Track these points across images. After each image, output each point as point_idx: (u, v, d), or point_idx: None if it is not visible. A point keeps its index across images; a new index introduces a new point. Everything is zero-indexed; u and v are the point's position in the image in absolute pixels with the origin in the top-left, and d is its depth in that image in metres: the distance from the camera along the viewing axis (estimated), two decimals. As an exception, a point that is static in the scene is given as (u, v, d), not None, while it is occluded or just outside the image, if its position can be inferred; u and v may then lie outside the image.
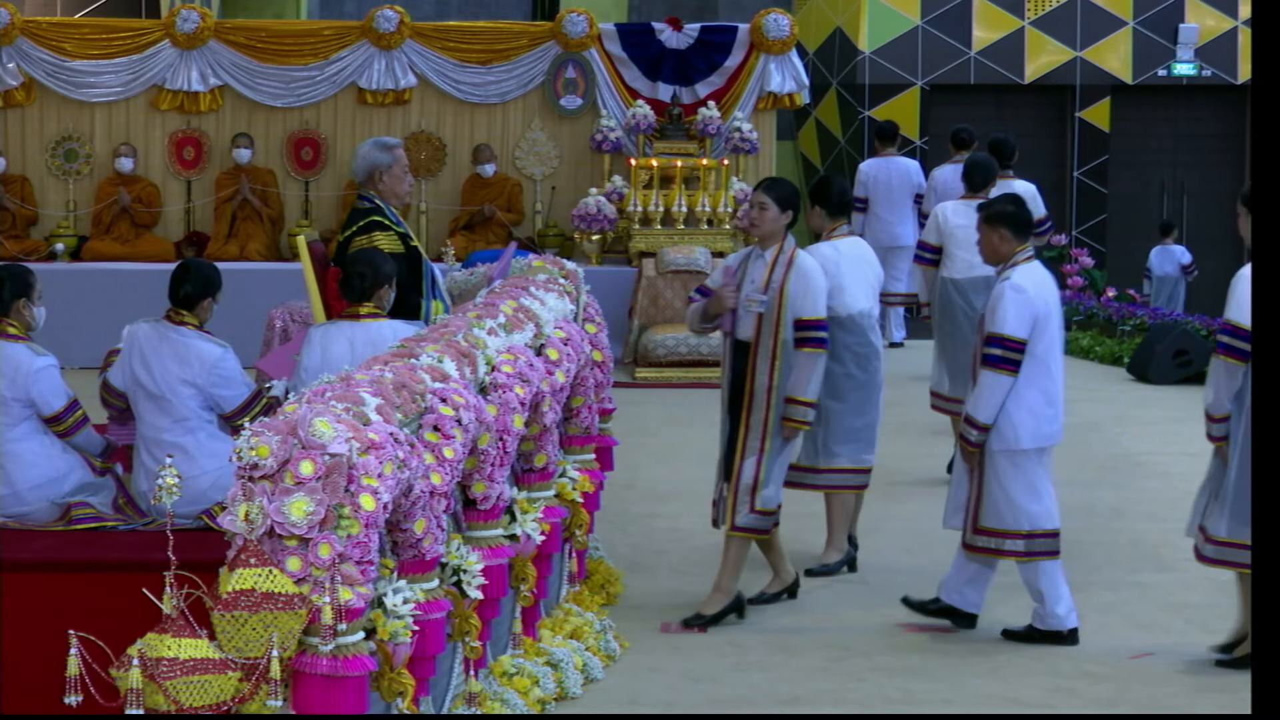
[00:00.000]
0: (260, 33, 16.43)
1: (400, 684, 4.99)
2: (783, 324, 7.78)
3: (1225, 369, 7.07)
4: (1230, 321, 7.04)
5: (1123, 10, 20.54)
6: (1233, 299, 7.07)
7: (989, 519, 7.52)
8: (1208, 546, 7.24)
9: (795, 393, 7.80)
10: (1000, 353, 7.43)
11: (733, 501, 7.85)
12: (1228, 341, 7.04)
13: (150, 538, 6.74)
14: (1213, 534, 7.21)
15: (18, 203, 15.99)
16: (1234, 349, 7.03)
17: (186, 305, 7.22)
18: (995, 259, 7.65)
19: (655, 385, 14.39)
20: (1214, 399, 7.14)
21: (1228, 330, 7.05)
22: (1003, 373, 7.42)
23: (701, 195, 15.74)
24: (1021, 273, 7.52)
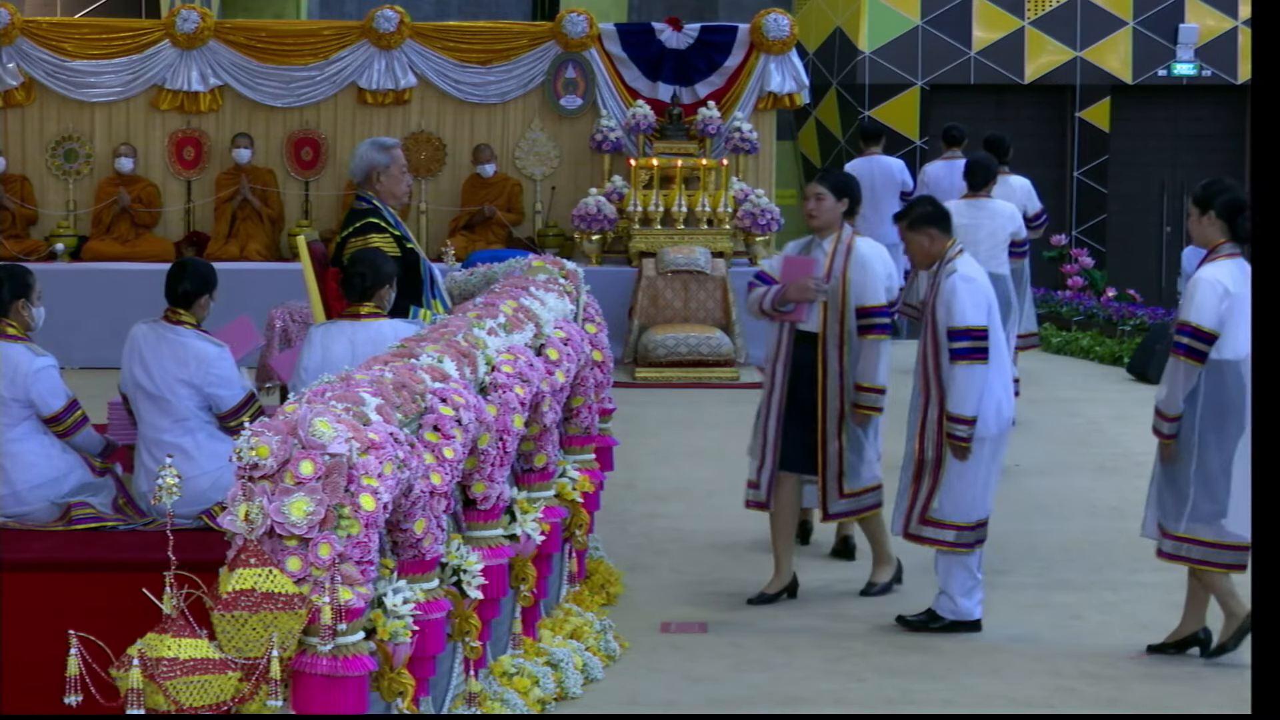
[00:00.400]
0: (260, 33, 16.43)
1: (400, 684, 4.99)
2: (847, 312, 8.02)
3: (1185, 370, 7.14)
4: (1191, 323, 7.11)
5: (1123, 10, 20.53)
6: (1192, 301, 7.14)
7: (951, 511, 7.57)
8: (1165, 542, 7.33)
9: (865, 379, 8.05)
10: (969, 344, 7.50)
11: (822, 490, 8.21)
12: (1188, 343, 7.12)
13: (150, 538, 6.74)
14: (1170, 530, 7.31)
15: (18, 203, 15.99)
16: (1195, 350, 7.11)
17: (184, 303, 7.22)
18: (928, 260, 7.74)
19: (655, 385, 14.39)
20: (1169, 397, 7.20)
21: (1187, 331, 7.13)
22: (976, 363, 7.50)
23: (701, 195, 15.74)
24: (964, 263, 7.62)
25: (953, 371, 7.51)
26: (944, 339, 7.55)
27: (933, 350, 7.61)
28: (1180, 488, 7.26)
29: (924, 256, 7.76)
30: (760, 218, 15.87)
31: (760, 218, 15.87)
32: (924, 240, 7.72)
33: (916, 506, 7.68)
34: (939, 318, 7.56)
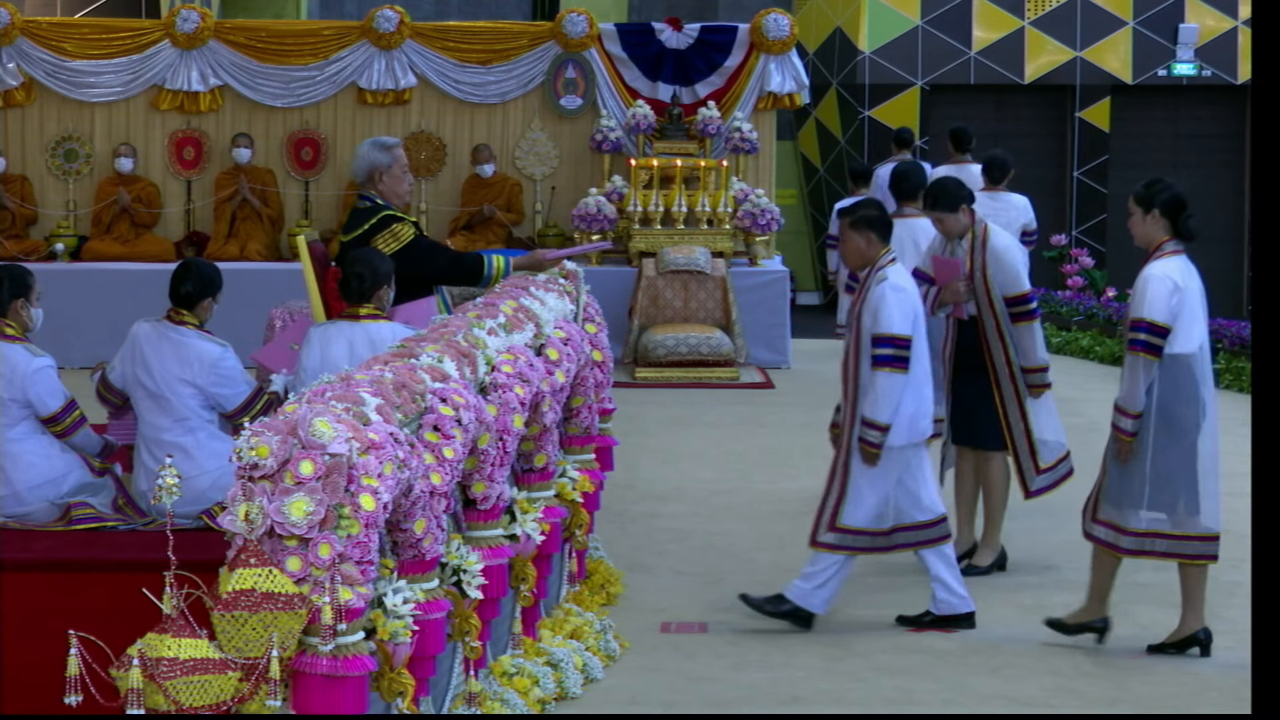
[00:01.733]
0: (260, 33, 16.44)
1: (400, 684, 4.99)
2: (995, 302, 8.42)
3: (1145, 365, 7.25)
4: (1145, 319, 7.24)
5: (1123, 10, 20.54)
6: (1144, 298, 7.28)
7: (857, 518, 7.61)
8: (1125, 539, 7.41)
9: (1028, 362, 8.46)
10: (892, 352, 7.52)
11: (1019, 469, 8.64)
12: (1145, 339, 7.24)
13: (150, 538, 6.74)
14: (1131, 527, 7.38)
15: (18, 203, 16.00)
16: (1152, 346, 7.24)
17: (187, 305, 7.22)
18: (861, 262, 7.75)
19: (655, 385, 14.40)
20: (1130, 394, 7.27)
21: (1143, 327, 7.25)
22: (897, 371, 7.52)
23: (701, 195, 15.75)
24: (896, 272, 7.66)
25: (873, 377, 7.53)
26: (867, 344, 7.57)
27: (854, 355, 7.64)
28: (1136, 484, 7.34)
29: (858, 257, 7.75)
30: (760, 218, 15.88)
31: (760, 218, 15.88)
32: (861, 242, 7.72)
33: (825, 514, 7.67)
34: (864, 324, 7.58)
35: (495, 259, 8.36)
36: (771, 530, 9.54)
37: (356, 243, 8.00)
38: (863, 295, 7.67)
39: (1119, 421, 7.33)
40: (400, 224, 8.11)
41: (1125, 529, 7.41)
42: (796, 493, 10.44)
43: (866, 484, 7.61)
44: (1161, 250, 7.43)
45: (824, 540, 7.65)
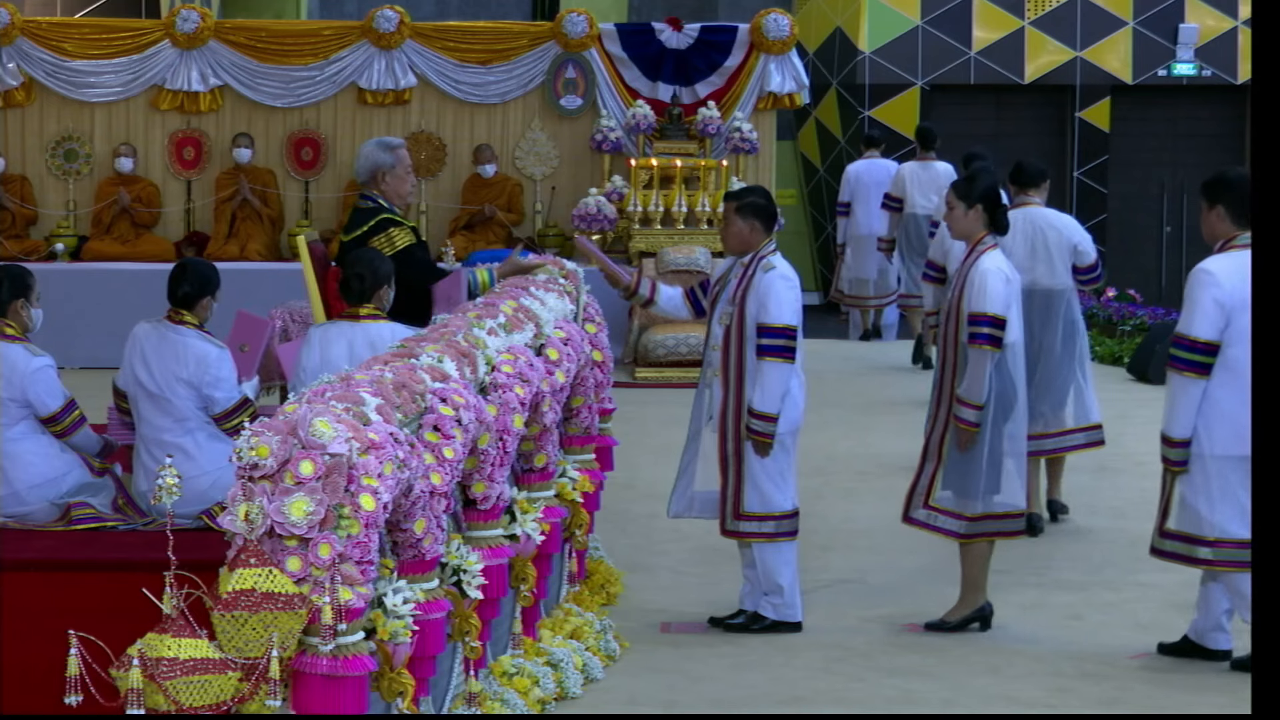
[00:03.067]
0: (260, 33, 16.43)
1: (400, 684, 4.98)
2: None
3: (990, 358, 7.46)
4: (988, 313, 7.44)
5: (1123, 10, 20.53)
6: (985, 293, 7.45)
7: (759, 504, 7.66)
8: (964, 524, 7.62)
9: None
10: (783, 342, 7.55)
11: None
12: (989, 332, 7.46)
13: (150, 538, 6.74)
14: (969, 513, 7.59)
15: (18, 203, 15.99)
16: (995, 338, 7.47)
17: (185, 305, 7.22)
18: (744, 248, 7.73)
19: (655, 385, 14.40)
20: (975, 386, 7.46)
21: (986, 321, 7.45)
22: (785, 361, 7.54)
23: (701, 195, 15.74)
24: (782, 263, 7.70)
25: (764, 366, 7.52)
26: (751, 333, 7.56)
27: (738, 343, 7.60)
28: (974, 471, 7.54)
29: (742, 244, 7.73)
30: (760, 218, 15.86)
31: (760, 218, 15.86)
32: (747, 228, 7.71)
33: (728, 503, 7.69)
34: (749, 311, 7.56)
35: (479, 273, 8.28)
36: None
37: (355, 243, 8.00)
38: (747, 283, 7.63)
39: (962, 413, 7.50)
40: (398, 229, 8.10)
41: (963, 514, 7.60)
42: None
43: (761, 472, 7.63)
44: (983, 244, 7.62)
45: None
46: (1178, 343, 7.06)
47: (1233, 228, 7.11)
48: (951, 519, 7.64)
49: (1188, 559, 7.22)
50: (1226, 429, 7.00)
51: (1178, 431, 7.05)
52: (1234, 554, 7.06)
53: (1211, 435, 7.03)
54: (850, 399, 13.87)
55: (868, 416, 13.12)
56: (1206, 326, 6.95)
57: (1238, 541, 7.05)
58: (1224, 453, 7.02)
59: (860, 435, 12.39)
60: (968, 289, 7.53)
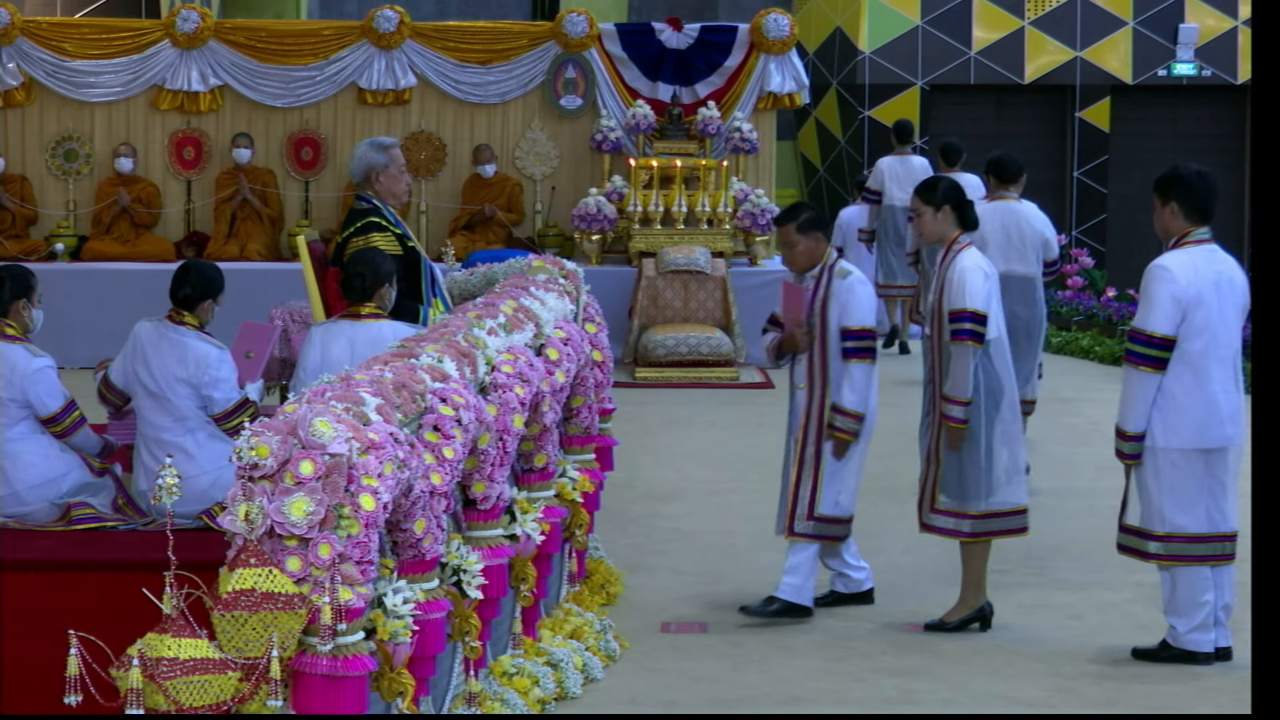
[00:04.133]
0: (260, 33, 16.43)
1: (400, 684, 4.99)
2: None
3: (972, 354, 7.49)
4: (969, 309, 7.48)
5: (1123, 10, 20.54)
6: (965, 290, 7.49)
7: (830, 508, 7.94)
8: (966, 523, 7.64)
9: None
10: (867, 343, 7.84)
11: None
12: (971, 328, 7.52)
13: (150, 538, 6.75)
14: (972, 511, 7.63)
15: (18, 203, 15.99)
16: (978, 334, 7.51)
17: (187, 306, 7.23)
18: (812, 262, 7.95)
19: (655, 385, 14.39)
20: (961, 384, 7.51)
21: (968, 318, 7.49)
22: (871, 361, 7.82)
23: (701, 195, 15.74)
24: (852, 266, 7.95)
25: (848, 369, 7.71)
26: (834, 339, 7.77)
27: (821, 350, 7.80)
28: (972, 470, 7.59)
29: (809, 259, 7.92)
30: (760, 218, 15.87)
31: (760, 218, 15.87)
32: (811, 244, 7.91)
33: (800, 504, 7.84)
34: (831, 317, 7.77)
35: (433, 313, 8.14)
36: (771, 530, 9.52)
37: (342, 243, 8.00)
38: (826, 290, 7.81)
39: (950, 411, 7.53)
40: (381, 235, 8.05)
41: (966, 514, 7.62)
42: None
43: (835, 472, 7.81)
44: (958, 243, 7.67)
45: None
46: (1134, 338, 7.24)
47: (1185, 224, 7.24)
48: (955, 519, 7.66)
49: (1139, 553, 7.34)
50: (1185, 423, 7.13)
51: (1132, 425, 7.20)
52: (1183, 549, 7.20)
53: (1167, 429, 7.16)
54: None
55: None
56: (1163, 322, 7.12)
57: (1188, 536, 7.19)
58: (1181, 446, 7.15)
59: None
60: (948, 288, 7.58)
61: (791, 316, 7.97)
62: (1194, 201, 7.20)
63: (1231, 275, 7.23)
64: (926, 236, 7.82)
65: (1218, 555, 7.25)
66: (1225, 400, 7.17)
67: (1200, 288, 7.08)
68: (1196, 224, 7.21)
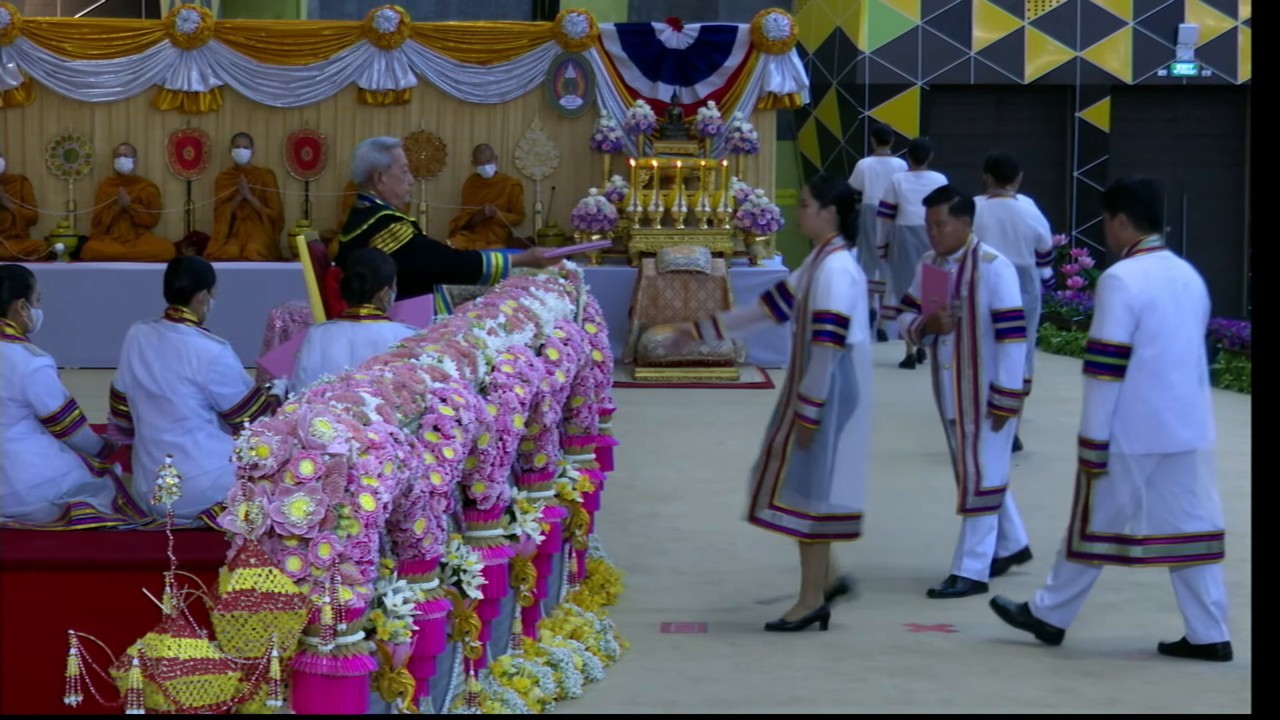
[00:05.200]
0: (260, 33, 16.43)
1: (400, 684, 4.99)
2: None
3: (832, 356, 7.53)
4: (833, 310, 7.50)
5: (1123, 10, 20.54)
6: (830, 292, 7.52)
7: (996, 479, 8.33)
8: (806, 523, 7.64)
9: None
10: (1018, 323, 8.19)
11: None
12: (833, 330, 7.53)
13: (150, 538, 6.75)
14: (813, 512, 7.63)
15: (18, 203, 16.00)
16: (839, 336, 7.55)
17: (182, 299, 7.23)
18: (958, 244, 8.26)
19: (655, 385, 14.40)
20: (817, 383, 7.53)
21: (830, 319, 7.52)
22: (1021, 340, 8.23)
23: (701, 195, 15.74)
24: (995, 249, 8.35)
25: (1002, 349, 8.04)
26: (985, 322, 8.09)
27: (970, 333, 8.14)
28: (818, 470, 7.60)
29: (957, 240, 8.24)
30: (760, 218, 15.88)
31: (760, 218, 15.88)
32: (960, 226, 8.23)
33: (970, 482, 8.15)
34: (980, 300, 8.14)
35: (494, 257, 8.38)
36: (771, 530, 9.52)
37: (355, 243, 8.00)
38: (972, 276, 8.13)
39: (804, 410, 7.55)
40: (399, 223, 8.11)
41: (807, 514, 7.63)
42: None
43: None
44: (831, 245, 7.69)
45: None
46: (1091, 347, 7.30)
47: (1136, 233, 7.35)
48: (796, 518, 7.67)
49: (1120, 559, 7.40)
50: (1147, 427, 7.22)
51: (1097, 434, 7.26)
52: (1165, 550, 7.32)
53: (1129, 435, 7.24)
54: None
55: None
56: (1118, 330, 7.19)
57: (1167, 538, 7.30)
58: (1145, 451, 7.24)
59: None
60: (814, 288, 7.60)
61: (934, 299, 8.22)
62: (1141, 210, 7.33)
63: (1186, 280, 7.33)
64: (805, 229, 7.82)
65: (1203, 555, 7.32)
66: (1186, 404, 7.24)
67: (1152, 294, 7.18)
68: (1147, 232, 7.33)
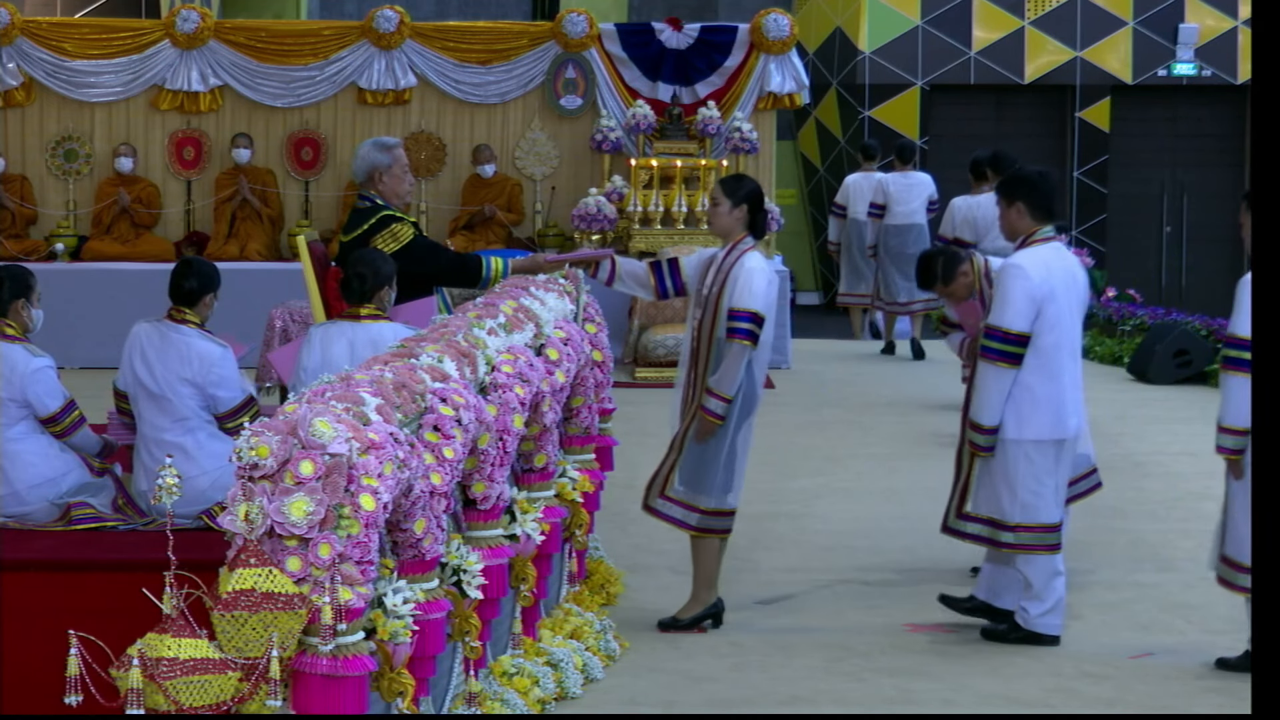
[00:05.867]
0: (260, 33, 16.43)
1: (400, 684, 4.99)
2: None
3: (746, 353, 7.49)
4: (749, 309, 7.49)
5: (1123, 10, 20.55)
6: (749, 289, 7.47)
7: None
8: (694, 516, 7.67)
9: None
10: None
11: None
12: (749, 328, 7.48)
13: (150, 538, 6.75)
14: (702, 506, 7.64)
15: (18, 203, 15.99)
16: (755, 335, 7.51)
17: (189, 301, 7.23)
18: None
19: (655, 385, 14.37)
20: (729, 380, 7.51)
21: (746, 317, 7.47)
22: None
23: (701, 195, 15.73)
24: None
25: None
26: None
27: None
28: (712, 465, 7.59)
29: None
30: (760, 218, 15.87)
31: (760, 218, 15.87)
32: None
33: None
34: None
35: (494, 260, 8.36)
36: (771, 530, 9.54)
37: (356, 243, 7.99)
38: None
39: (711, 405, 7.54)
40: (400, 224, 8.11)
41: (696, 507, 7.66)
42: (796, 493, 10.44)
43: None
44: (744, 244, 7.67)
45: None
46: (991, 334, 7.39)
47: (1032, 223, 7.48)
48: (684, 510, 7.70)
49: (990, 541, 7.53)
50: (1040, 414, 7.37)
51: (989, 419, 7.39)
52: (1035, 538, 7.45)
53: (1021, 421, 7.37)
54: (851, 399, 13.87)
55: (868, 416, 13.12)
56: (1019, 319, 7.33)
57: (1041, 526, 7.44)
58: (1036, 437, 7.39)
59: (860, 435, 12.39)
60: (730, 285, 7.57)
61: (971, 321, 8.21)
62: (1040, 200, 7.48)
63: (1075, 272, 7.53)
64: (715, 228, 7.81)
65: (1056, 545, 7.51)
66: (1073, 393, 7.45)
67: (1052, 284, 7.35)
68: (1042, 222, 7.48)
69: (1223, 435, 7.10)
